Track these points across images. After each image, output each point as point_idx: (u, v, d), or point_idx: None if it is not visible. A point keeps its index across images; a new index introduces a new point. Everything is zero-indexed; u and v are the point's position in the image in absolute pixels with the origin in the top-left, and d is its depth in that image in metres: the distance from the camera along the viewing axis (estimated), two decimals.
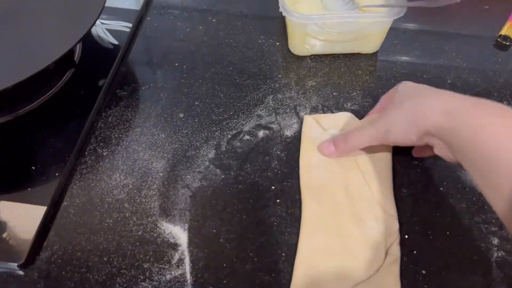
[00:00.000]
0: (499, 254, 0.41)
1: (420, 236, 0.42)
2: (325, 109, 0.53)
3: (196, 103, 0.53)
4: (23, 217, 0.43)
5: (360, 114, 0.52)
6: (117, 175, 0.46)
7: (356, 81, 0.56)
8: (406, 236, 0.42)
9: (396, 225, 0.42)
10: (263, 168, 0.47)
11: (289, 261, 0.41)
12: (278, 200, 0.45)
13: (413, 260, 0.41)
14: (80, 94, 0.53)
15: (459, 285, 0.40)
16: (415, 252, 0.41)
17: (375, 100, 0.53)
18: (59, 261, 0.41)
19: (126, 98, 0.53)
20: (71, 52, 0.53)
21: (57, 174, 0.45)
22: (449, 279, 0.40)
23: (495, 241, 0.42)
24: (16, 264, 0.40)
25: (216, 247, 0.42)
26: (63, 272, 0.40)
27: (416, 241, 0.42)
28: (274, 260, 0.41)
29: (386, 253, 0.40)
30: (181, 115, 0.52)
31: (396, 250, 0.40)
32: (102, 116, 0.51)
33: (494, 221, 0.43)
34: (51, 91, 0.52)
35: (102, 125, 0.51)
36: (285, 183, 0.46)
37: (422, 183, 0.46)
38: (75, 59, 0.55)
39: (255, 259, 0.41)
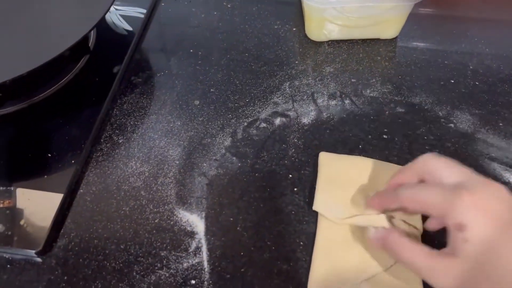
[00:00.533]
0: None
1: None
2: (343, 95, 0.51)
3: (211, 90, 0.52)
4: (40, 204, 0.43)
5: (379, 100, 0.51)
6: (133, 162, 0.46)
7: (375, 67, 0.54)
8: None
9: (418, 220, 0.41)
10: (280, 156, 0.47)
11: (307, 250, 0.40)
12: (295, 189, 0.44)
13: None
14: (95, 81, 0.52)
15: None
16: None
17: (395, 86, 0.52)
18: (76, 248, 0.41)
19: (141, 85, 0.53)
20: (85, 38, 0.53)
21: (73, 161, 0.45)
22: None
23: None
24: (34, 251, 0.40)
25: (233, 236, 0.41)
26: (81, 260, 0.40)
27: (435, 235, 0.41)
28: (292, 249, 0.40)
29: None
30: (197, 102, 0.51)
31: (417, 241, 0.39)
32: (117, 103, 0.51)
33: None
34: (66, 78, 0.52)
35: (117, 112, 0.50)
36: (302, 172, 0.45)
37: None
38: (89, 45, 0.55)
39: (273, 248, 0.40)
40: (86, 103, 0.50)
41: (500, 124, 0.49)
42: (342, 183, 0.43)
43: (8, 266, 0.40)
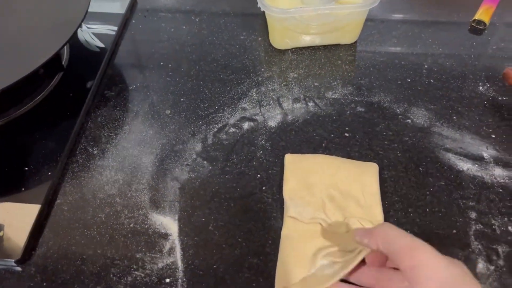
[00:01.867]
0: (477, 227, 0.43)
1: (401, 213, 0.44)
2: (307, 99, 0.54)
3: (182, 99, 0.55)
4: (18, 216, 0.44)
5: (340, 101, 0.54)
6: (108, 171, 0.48)
7: (336, 71, 0.57)
8: (389, 213, 0.44)
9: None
10: (249, 158, 0.49)
11: (276, 245, 0.42)
12: (264, 188, 0.46)
13: None
14: (69, 96, 0.54)
15: None
16: None
17: (355, 88, 0.55)
18: (55, 255, 0.42)
19: (114, 99, 0.55)
20: (58, 56, 0.55)
21: (49, 173, 0.47)
22: None
23: (473, 215, 0.44)
24: (13, 260, 0.41)
25: (205, 235, 0.43)
26: (59, 266, 0.41)
27: (398, 218, 0.44)
28: (261, 244, 0.43)
29: None
30: (168, 111, 0.54)
31: None
32: (92, 117, 0.53)
33: (471, 196, 0.45)
34: (41, 95, 0.54)
35: (91, 125, 0.52)
36: (270, 171, 0.48)
37: (402, 164, 0.48)
38: (63, 63, 0.57)
39: (243, 244, 0.43)
40: (61, 118, 0.52)
41: (454, 117, 0.52)
42: (307, 183, 0.45)
43: None
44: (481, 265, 0.41)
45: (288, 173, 0.46)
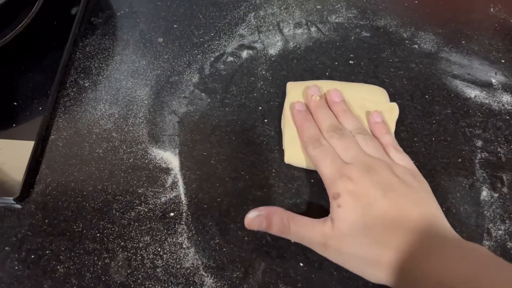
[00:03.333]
0: (483, 156, 0.43)
1: (407, 142, 0.43)
2: (309, 23, 0.51)
3: (174, 26, 0.51)
4: (12, 153, 0.43)
5: (344, 26, 0.51)
6: (102, 105, 0.46)
7: None
8: None
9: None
10: (249, 89, 0.47)
11: (280, 177, 0.42)
12: (266, 120, 0.45)
13: None
14: (53, 24, 0.50)
15: (445, 187, 0.41)
16: None
17: (359, 11, 0.52)
18: (54, 192, 0.41)
19: (101, 26, 0.51)
20: None
21: (40, 108, 0.45)
22: (435, 181, 0.41)
23: (479, 143, 0.43)
24: (11, 198, 0.40)
25: (207, 169, 0.42)
26: (59, 203, 0.41)
27: (403, 147, 0.43)
28: (265, 176, 0.42)
29: None
30: (160, 39, 0.50)
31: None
32: (79, 46, 0.50)
33: (478, 124, 0.44)
34: (22, 23, 0.49)
35: (80, 55, 0.49)
36: (271, 103, 0.46)
37: (408, 92, 0.46)
38: None
39: (247, 177, 0.42)
40: (47, 48, 0.49)
41: (463, 42, 0.50)
42: None
43: None
44: (485, 193, 0.41)
45: (290, 100, 0.44)
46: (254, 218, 0.36)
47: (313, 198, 0.41)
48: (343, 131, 0.39)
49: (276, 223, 0.36)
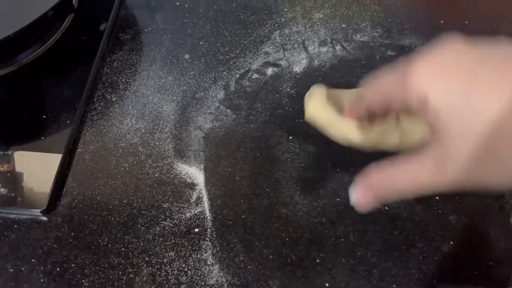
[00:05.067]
0: None
1: None
2: (334, 42, 0.51)
3: (201, 43, 0.52)
4: (40, 166, 0.43)
5: (369, 45, 0.51)
6: (128, 120, 0.46)
7: (364, 11, 0.54)
8: None
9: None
10: (274, 106, 0.47)
11: (305, 194, 0.41)
12: (290, 137, 0.45)
13: None
14: (82, 40, 0.51)
15: (473, 209, 0.40)
16: None
17: (385, 30, 0.52)
18: (80, 205, 0.42)
19: (129, 42, 0.52)
20: None
21: (68, 121, 0.45)
22: (464, 203, 0.41)
23: None
24: (38, 210, 0.41)
25: (232, 185, 0.42)
26: (85, 216, 0.41)
27: None
28: (289, 194, 0.42)
29: None
30: (187, 56, 0.51)
31: None
32: (107, 62, 0.51)
33: None
34: (52, 38, 0.51)
35: (108, 70, 0.50)
36: (296, 120, 0.46)
37: None
38: (73, 3, 0.53)
39: (271, 194, 0.42)
40: (76, 63, 0.50)
41: None
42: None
43: (15, 226, 0.41)
44: None
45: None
46: (358, 199, 0.29)
47: (339, 218, 0.40)
48: None
49: (379, 188, 0.28)
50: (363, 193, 0.29)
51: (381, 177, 0.28)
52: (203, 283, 0.37)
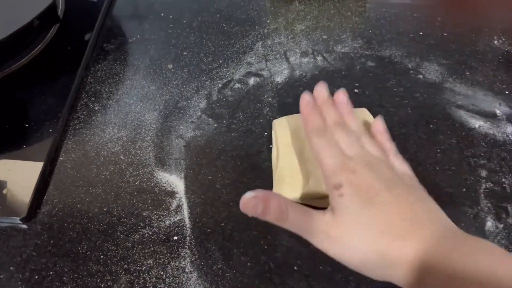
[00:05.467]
0: (487, 186, 0.43)
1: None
2: (315, 52, 0.52)
3: (184, 53, 0.53)
4: (21, 174, 0.43)
5: (350, 56, 0.52)
6: (110, 128, 0.47)
7: (345, 23, 0.55)
8: None
9: None
10: (255, 115, 0.48)
11: None
12: (271, 146, 0.45)
13: None
14: (67, 49, 0.52)
15: (449, 217, 0.41)
16: None
17: (365, 41, 0.53)
18: (60, 213, 0.42)
19: (113, 52, 0.53)
20: (53, 6, 0.52)
21: (51, 130, 0.46)
22: None
23: (483, 173, 0.43)
24: (18, 218, 0.41)
25: (212, 193, 0.43)
26: (65, 224, 0.41)
27: None
28: None
29: None
30: (170, 66, 0.52)
31: None
32: (91, 71, 0.51)
33: (482, 154, 0.44)
34: (37, 48, 0.51)
35: (91, 80, 0.50)
36: None
37: (413, 122, 0.47)
38: (59, 14, 0.54)
39: None
40: (60, 72, 0.50)
41: (467, 73, 0.50)
42: (300, 147, 0.41)
43: None
44: (490, 223, 0.41)
45: (279, 142, 0.42)
46: (251, 199, 0.33)
47: None
48: (348, 129, 0.38)
49: (274, 208, 0.33)
50: (256, 200, 0.33)
51: (282, 202, 0.33)
52: None
